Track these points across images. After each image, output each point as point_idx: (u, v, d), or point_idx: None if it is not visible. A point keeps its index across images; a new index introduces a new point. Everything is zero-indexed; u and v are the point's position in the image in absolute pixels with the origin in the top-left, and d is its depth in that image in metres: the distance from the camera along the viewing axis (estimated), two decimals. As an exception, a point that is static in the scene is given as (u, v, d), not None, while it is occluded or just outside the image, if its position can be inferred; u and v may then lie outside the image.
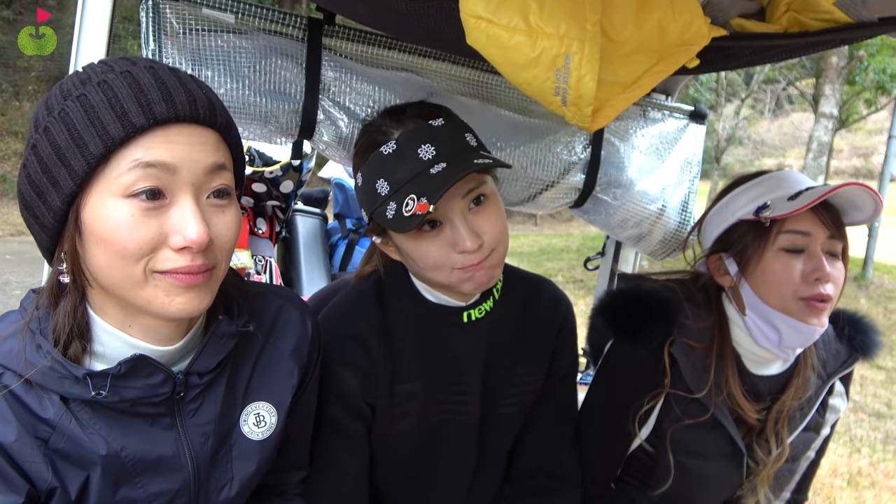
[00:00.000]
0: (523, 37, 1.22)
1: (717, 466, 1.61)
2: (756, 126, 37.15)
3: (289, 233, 3.71)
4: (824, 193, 1.43)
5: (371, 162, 1.36)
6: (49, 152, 0.95)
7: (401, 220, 1.29)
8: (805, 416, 1.63)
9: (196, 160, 0.98)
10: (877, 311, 10.77)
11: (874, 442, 5.92)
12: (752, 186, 1.61)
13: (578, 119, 1.30)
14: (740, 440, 1.59)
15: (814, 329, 1.49)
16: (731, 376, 1.56)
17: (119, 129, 0.93)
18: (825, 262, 1.47)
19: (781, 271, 1.49)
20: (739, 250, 1.56)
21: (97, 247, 0.97)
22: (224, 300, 1.18)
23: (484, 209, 1.38)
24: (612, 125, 2.25)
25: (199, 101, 1.00)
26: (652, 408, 1.60)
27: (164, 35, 1.60)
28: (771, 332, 1.53)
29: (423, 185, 1.28)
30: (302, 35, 1.72)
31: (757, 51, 1.53)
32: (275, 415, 1.26)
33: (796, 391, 1.60)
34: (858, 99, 13.35)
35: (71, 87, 0.97)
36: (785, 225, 1.50)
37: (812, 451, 1.75)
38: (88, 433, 1.05)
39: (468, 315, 1.53)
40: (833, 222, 1.49)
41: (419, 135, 1.33)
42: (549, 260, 14.06)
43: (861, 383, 7.57)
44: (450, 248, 1.35)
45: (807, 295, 1.47)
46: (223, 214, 1.04)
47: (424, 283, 1.51)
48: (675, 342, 1.56)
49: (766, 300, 1.52)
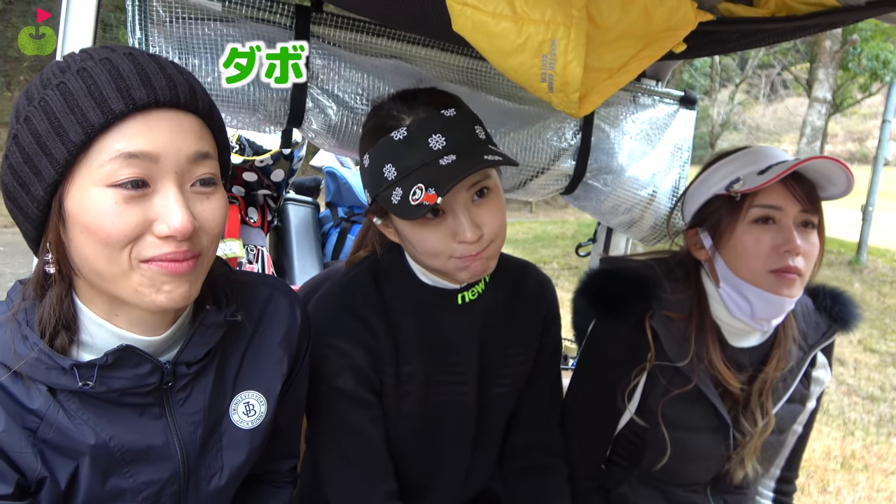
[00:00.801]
0: (509, 23, 1.21)
1: (704, 439, 1.64)
2: (751, 111, 37.13)
3: (280, 222, 3.71)
4: (791, 167, 1.45)
5: (380, 146, 1.36)
6: (30, 142, 0.95)
7: (406, 207, 1.30)
8: (788, 386, 1.66)
9: (179, 148, 0.98)
10: (871, 294, 10.81)
11: (868, 425, 5.95)
12: (727, 162, 1.64)
13: (565, 105, 1.30)
14: (725, 412, 1.62)
15: (784, 300, 1.51)
16: (711, 346, 1.60)
17: (98, 116, 0.92)
18: (796, 235, 1.50)
19: (752, 244, 1.52)
20: (713, 224, 1.60)
21: (81, 236, 0.96)
22: (212, 290, 1.17)
23: (486, 201, 1.39)
24: (602, 111, 2.25)
25: (179, 85, 0.99)
26: (637, 383, 1.64)
27: (150, 23, 1.59)
28: (744, 304, 1.56)
29: (432, 175, 1.29)
30: (289, 23, 1.72)
31: (745, 35, 1.53)
32: (264, 404, 1.26)
33: (778, 362, 1.63)
34: (853, 83, 13.35)
35: (51, 76, 0.97)
36: (756, 199, 1.53)
37: (799, 425, 1.77)
38: (77, 423, 1.05)
39: (462, 297, 1.55)
40: (806, 196, 1.52)
41: (430, 123, 1.33)
42: (543, 247, 14.07)
43: (855, 367, 7.61)
44: (450, 238, 1.37)
45: (776, 267, 1.50)
46: (208, 201, 1.03)
47: (421, 267, 1.52)
48: (654, 315, 1.60)
49: (737, 272, 1.55)
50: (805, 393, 1.73)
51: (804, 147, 7.92)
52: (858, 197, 13.02)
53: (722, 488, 1.73)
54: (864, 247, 12.28)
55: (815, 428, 5.34)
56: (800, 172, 1.52)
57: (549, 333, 1.71)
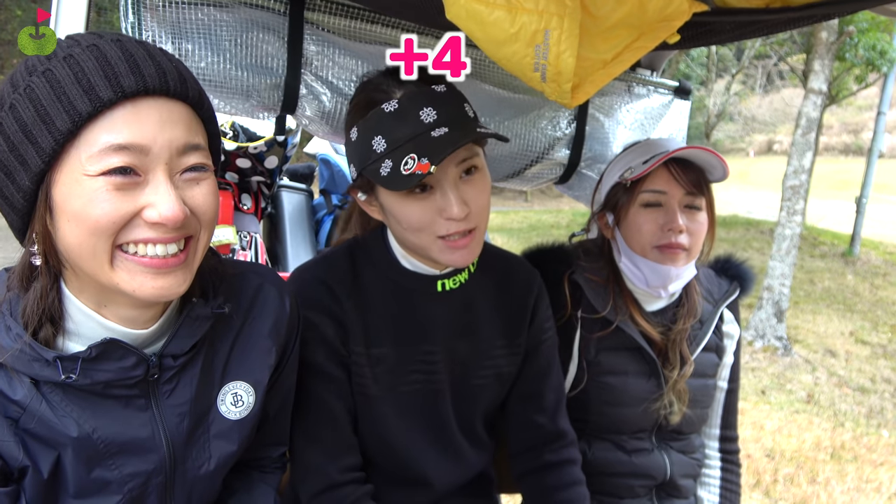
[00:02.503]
0: (503, 12, 1.21)
1: (638, 382, 1.86)
2: (747, 101, 37.15)
3: (274, 208, 3.70)
4: (664, 156, 1.71)
5: (371, 118, 1.35)
6: (16, 130, 0.92)
7: (398, 177, 1.29)
8: (703, 336, 1.92)
9: (169, 139, 0.96)
10: (863, 286, 10.86)
11: (858, 416, 5.99)
12: (626, 154, 1.92)
13: (558, 95, 1.30)
14: (653, 353, 1.85)
15: (670, 269, 1.77)
16: (630, 305, 1.87)
17: (86, 104, 0.90)
18: (679, 216, 1.75)
19: (641, 223, 1.78)
20: (613, 206, 1.86)
21: (68, 225, 0.94)
22: (200, 282, 1.16)
23: (474, 180, 1.40)
24: (597, 100, 2.25)
25: (168, 73, 0.97)
26: (570, 339, 1.86)
27: (143, 8, 1.58)
28: (638, 273, 1.83)
29: (425, 146, 1.29)
30: (283, 9, 1.71)
31: (739, 26, 1.52)
32: (252, 394, 1.25)
33: (688, 311, 1.90)
34: (848, 75, 13.33)
35: (36, 62, 0.95)
36: (644, 185, 1.78)
37: (723, 381, 2.01)
38: (59, 415, 1.04)
39: (442, 284, 1.55)
40: (691, 181, 1.75)
41: (422, 97, 1.33)
42: (538, 236, 14.08)
43: (846, 358, 7.65)
44: (436, 213, 1.36)
45: (660, 243, 1.76)
46: (198, 187, 1.02)
47: (403, 248, 1.52)
48: (574, 273, 1.87)
49: (631, 247, 1.82)
50: (720, 344, 1.99)
51: (799, 138, 7.92)
52: (853, 189, 13.06)
53: (665, 435, 1.93)
54: (857, 239, 12.32)
55: (805, 418, 5.37)
56: (686, 159, 1.76)
57: (538, 325, 1.70)
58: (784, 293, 7.86)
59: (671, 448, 1.94)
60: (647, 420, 1.89)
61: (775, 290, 7.85)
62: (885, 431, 5.68)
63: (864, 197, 11.92)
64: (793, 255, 7.96)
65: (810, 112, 7.86)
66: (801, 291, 10.34)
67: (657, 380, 1.86)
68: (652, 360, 1.86)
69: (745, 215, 16.44)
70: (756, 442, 5.22)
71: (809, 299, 10.07)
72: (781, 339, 7.76)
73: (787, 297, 7.92)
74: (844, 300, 10.10)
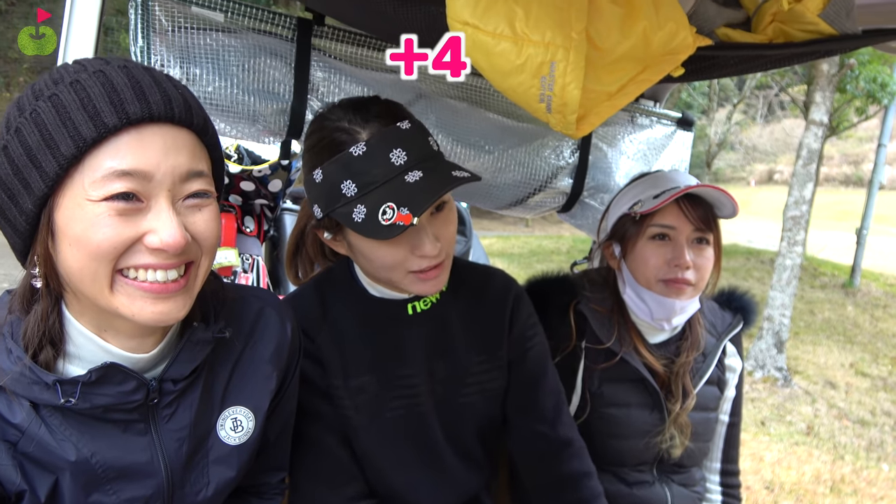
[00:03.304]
0: (509, 43, 1.22)
1: (640, 414, 1.86)
2: (748, 131, 37.31)
3: (276, 231, 3.70)
4: (676, 193, 1.70)
5: (337, 161, 1.31)
6: (20, 153, 0.93)
7: (376, 226, 1.26)
8: (706, 369, 1.91)
9: (173, 166, 0.96)
10: (864, 318, 10.83)
11: (857, 449, 5.95)
12: (634, 186, 1.91)
13: (563, 126, 1.31)
14: (656, 384, 1.84)
15: (674, 303, 1.77)
16: (634, 337, 1.87)
17: (91, 130, 0.91)
18: (686, 252, 1.75)
19: (649, 257, 1.78)
20: (621, 238, 1.86)
21: (69, 249, 0.94)
22: (201, 306, 1.16)
23: (443, 215, 1.39)
24: (601, 130, 2.26)
25: (174, 100, 0.97)
26: (574, 369, 1.85)
27: (152, 32, 1.60)
28: (643, 306, 1.82)
29: (401, 193, 1.27)
30: (291, 35, 1.73)
31: (742, 60, 1.54)
32: (252, 419, 1.24)
33: (691, 344, 1.89)
34: (849, 107, 13.41)
35: (43, 87, 0.95)
36: (653, 219, 1.78)
37: (724, 414, 2.00)
38: (58, 439, 1.04)
39: (413, 307, 1.54)
40: (700, 217, 1.76)
41: (390, 137, 1.31)
42: (539, 262, 14.07)
43: (846, 390, 7.61)
44: (408, 252, 1.35)
45: (667, 277, 1.76)
46: (200, 213, 1.02)
47: (369, 279, 1.51)
48: (580, 303, 1.88)
49: (637, 279, 1.82)
50: (722, 377, 1.97)
51: (800, 169, 7.94)
52: (853, 220, 13.07)
53: (666, 468, 1.92)
54: (857, 270, 12.31)
55: (805, 451, 5.33)
56: (696, 195, 1.76)
57: (519, 333, 1.66)
58: (784, 324, 7.84)
59: (672, 481, 1.93)
60: (648, 453, 1.88)
61: (776, 321, 7.84)
62: (886, 465, 5.63)
63: (865, 228, 11.93)
64: (793, 286, 7.95)
65: (811, 143, 7.90)
66: (802, 322, 10.32)
67: (660, 412, 1.86)
68: (655, 392, 1.85)
69: (745, 244, 16.44)
70: (755, 474, 5.18)
71: (810, 330, 10.04)
72: (781, 370, 7.73)
73: (787, 327, 7.90)
74: (845, 331, 10.07)
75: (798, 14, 1.41)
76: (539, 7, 1.20)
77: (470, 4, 1.21)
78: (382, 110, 1.36)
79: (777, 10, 1.45)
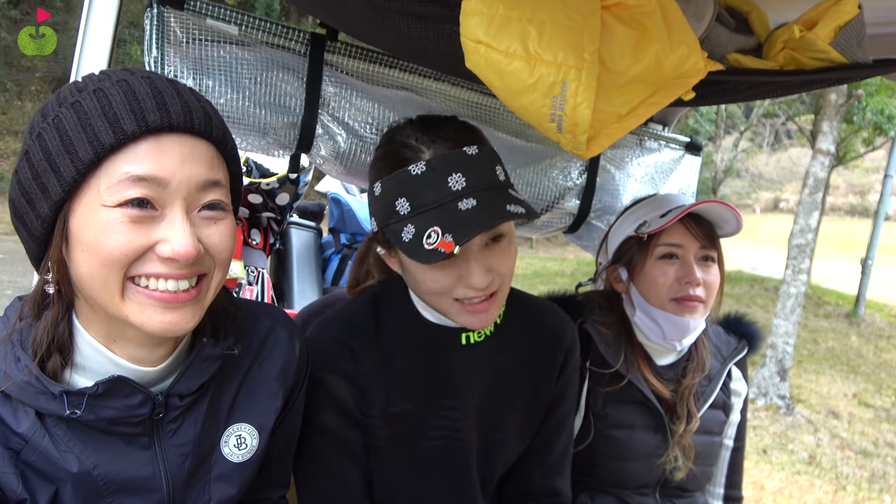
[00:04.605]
0: (521, 63, 1.22)
1: (644, 437, 1.85)
2: (754, 159, 37.35)
3: (283, 245, 3.71)
4: (684, 210, 1.72)
5: (396, 178, 1.31)
6: (40, 158, 0.94)
7: (419, 249, 1.24)
8: (711, 393, 1.91)
9: (189, 175, 0.97)
10: (867, 348, 10.78)
11: (860, 480, 5.90)
12: (637, 208, 1.93)
13: (573, 146, 1.31)
14: (660, 406, 1.83)
15: (688, 321, 1.77)
16: (640, 361, 1.86)
17: (110, 136, 0.92)
18: (695, 269, 1.76)
19: (658, 276, 1.79)
20: (628, 261, 1.86)
21: (82, 254, 0.95)
22: (211, 321, 1.16)
23: (501, 247, 1.35)
24: (609, 153, 2.26)
25: (194, 111, 0.99)
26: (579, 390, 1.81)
27: (167, 43, 1.61)
28: (655, 327, 1.82)
29: (450, 220, 1.24)
30: (304, 50, 1.74)
31: (752, 86, 1.54)
32: (256, 437, 1.24)
33: (697, 366, 1.89)
34: (856, 137, 13.43)
35: (67, 94, 0.97)
36: (660, 238, 1.79)
37: (729, 439, 2.01)
38: (61, 450, 1.03)
39: (467, 337, 1.49)
40: (704, 235, 1.78)
41: (452, 161, 1.28)
42: (542, 283, 14.06)
43: (849, 420, 7.56)
44: (456, 280, 1.32)
45: (678, 296, 1.77)
46: (215, 226, 1.03)
47: (422, 302, 1.47)
48: (585, 322, 1.86)
49: (648, 300, 1.81)
50: (727, 401, 1.98)
51: (806, 198, 7.94)
52: (858, 250, 13.05)
53: (669, 492, 1.91)
54: (862, 300, 12.27)
55: (806, 480, 5.30)
56: (698, 214, 1.78)
57: (566, 377, 1.64)
58: (788, 352, 7.81)
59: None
60: (651, 475, 1.87)
61: (779, 349, 7.81)
62: (888, 497, 5.58)
63: (870, 258, 11.91)
64: (797, 314, 7.92)
65: (818, 172, 7.90)
66: (805, 351, 10.27)
67: (663, 435, 1.85)
68: (659, 414, 1.84)
69: (749, 271, 16.40)
70: (757, 502, 5.14)
71: (813, 359, 10.00)
72: (784, 398, 7.68)
73: (790, 355, 7.86)
74: (848, 361, 10.02)
75: (809, 42, 1.42)
76: (552, 27, 1.21)
77: (483, 23, 1.22)
78: (452, 132, 1.35)
79: (788, 37, 1.46)
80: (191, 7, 1.60)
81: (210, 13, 1.63)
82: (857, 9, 1.40)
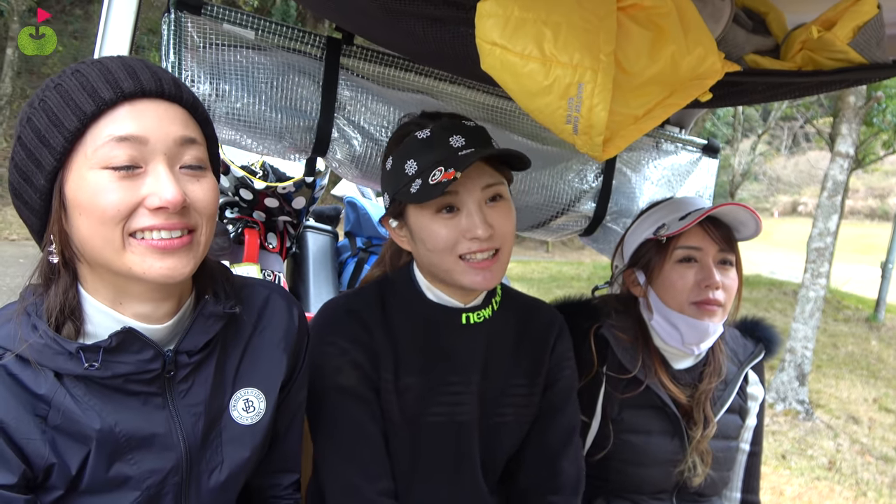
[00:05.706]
0: (537, 64, 1.22)
1: (661, 442, 1.83)
2: (772, 162, 37.12)
3: (299, 249, 3.71)
4: (706, 212, 1.71)
5: (404, 145, 1.45)
6: (31, 137, 1.04)
7: (426, 189, 1.36)
8: (727, 398, 1.89)
9: (167, 132, 1.06)
10: (888, 352, 10.67)
11: (881, 486, 5.84)
12: (655, 211, 1.91)
13: (589, 148, 1.31)
14: (677, 411, 1.81)
15: (707, 325, 1.75)
16: (657, 366, 1.83)
17: (91, 105, 1.02)
18: (715, 272, 1.75)
19: (678, 280, 1.77)
20: (645, 264, 1.85)
21: (80, 217, 1.04)
22: (212, 283, 1.24)
23: (499, 206, 1.46)
24: (625, 155, 2.26)
25: (164, 79, 1.08)
26: (594, 395, 1.82)
27: (184, 48, 1.62)
28: (674, 331, 1.80)
29: (450, 159, 1.38)
30: (320, 54, 1.75)
31: (770, 87, 1.54)
32: (263, 401, 1.29)
33: (713, 370, 1.87)
34: (876, 139, 13.31)
35: (49, 82, 1.07)
36: (679, 241, 1.77)
37: (745, 443, 1.97)
38: (83, 408, 1.09)
39: (467, 317, 1.57)
40: (723, 238, 1.77)
41: (453, 127, 1.44)
42: (559, 287, 14.02)
43: (870, 426, 7.49)
44: (460, 234, 1.42)
45: (698, 299, 1.75)
46: (198, 183, 1.10)
47: (429, 276, 1.56)
48: (602, 327, 1.84)
49: (667, 304, 1.79)
50: (743, 406, 1.95)
51: (825, 201, 7.88)
52: (878, 253, 12.93)
53: (686, 497, 1.89)
54: (882, 304, 12.16)
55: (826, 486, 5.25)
56: (717, 217, 1.77)
57: (556, 363, 1.70)
58: (807, 356, 7.75)
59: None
60: (668, 481, 1.85)
61: (798, 353, 7.74)
62: (909, 503, 5.52)
63: (890, 262, 11.80)
64: (816, 318, 7.86)
65: (837, 175, 7.84)
66: (824, 355, 10.18)
67: (680, 440, 1.83)
68: (676, 419, 1.82)
69: (768, 275, 16.30)
70: (775, 508, 5.10)
71: (832, 363, 9.91)
72: (803, 403, 7.62)
73: (809, 360, 7.80)
74: (868, 366, 9.93)
75: (828, 42, 1.41)
76: (568, 29, 1.21)
77: (499, 25, 1.22)
78: (454, 115, 1.52)
79: (806, 37, 1.45)
80: (208, 12, 1.62)
81: (227, 18, 1.64)
82: (876, 8, 1.39)
